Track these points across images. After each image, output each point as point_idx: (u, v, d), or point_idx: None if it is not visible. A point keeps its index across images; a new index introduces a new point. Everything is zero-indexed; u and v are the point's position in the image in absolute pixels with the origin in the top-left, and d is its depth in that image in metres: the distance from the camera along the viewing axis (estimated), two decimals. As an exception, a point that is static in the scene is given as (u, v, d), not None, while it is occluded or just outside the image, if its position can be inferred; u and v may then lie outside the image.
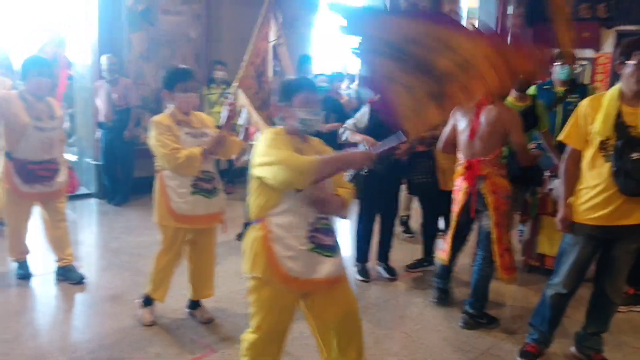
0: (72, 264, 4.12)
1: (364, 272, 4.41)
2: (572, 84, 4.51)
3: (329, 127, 5.25)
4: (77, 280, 4.02)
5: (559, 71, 4.44)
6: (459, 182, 3.64)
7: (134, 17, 6.41)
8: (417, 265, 4.61)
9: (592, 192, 2.91)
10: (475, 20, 12.22)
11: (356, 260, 4.48)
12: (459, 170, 3.65)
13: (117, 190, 6.40)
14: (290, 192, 2.27)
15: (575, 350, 3.30)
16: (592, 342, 3.21)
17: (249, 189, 2.42)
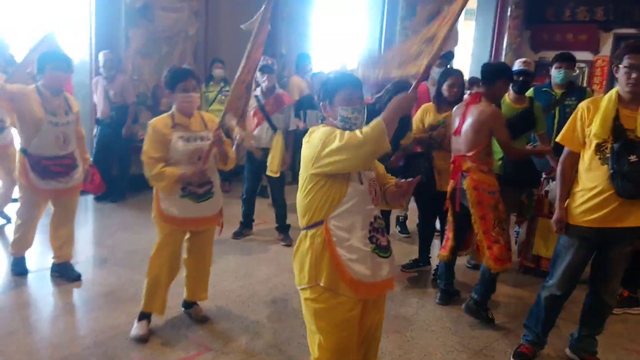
0: (69, 262, 4.11)
1: None
2: (570, 87, 4.52)
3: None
4: (73, 277, 4.02)
5: (555, 74, 4.45)
6: (449, 178, 3.84)
7: (132, 14, 6.38)
8: (412, 265, 4.61)
9: (589, 194, 2.91)
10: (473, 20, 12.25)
11: None
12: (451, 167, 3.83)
13: (113, 187, 6.37)
14: (352, 190, 2.13)
15: (569, 352, 3.32)
16: (586, 344, 3.23)
17: (298, 195, 2.22)
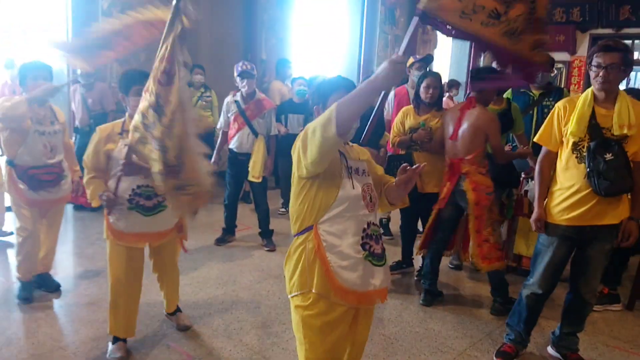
0: (48, 272, 4.04)
1: None
2: (548, 88, 4.57)
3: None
4: (52, 288, 3.95)
5: None
6: (444, 180, 3.91)
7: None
8: (395, 267, 4.62)
9: (567, 192, 2.95)
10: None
11: None
12: (445, 169, 3.93)
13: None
14: (342, 195, 2.06)
15: (551, 349, 3.35)
16: (567, 341, 3.25)
17: (291, 199, 2.16)
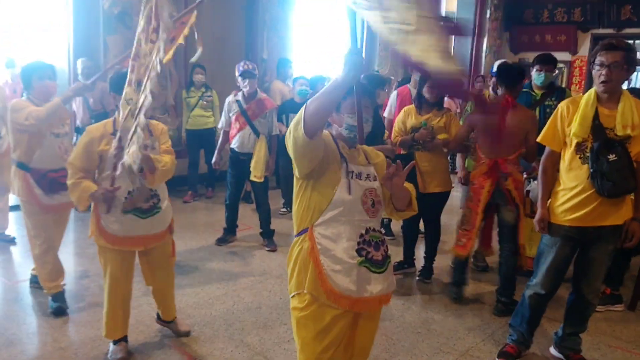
0: None
1: None
2: (550, 88, 4.56)
3: None
4: None
5: (535, 77, 4.48)
6: (480, 180, 3.87)
7: (110, 20, 6.32)
8: (397, 267, 4.60)
9: (570, 193, 2.93)
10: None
11: None
12: (481, 169, 3.88)
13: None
14: (337, 199, 2.05)
15: (553, 350, 3.33)
16: (570, 342, 3.24)
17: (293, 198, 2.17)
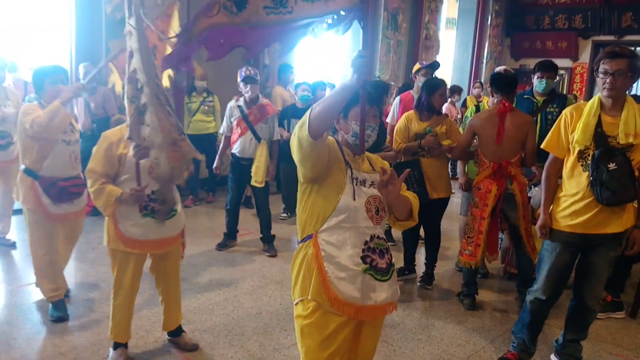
0: None
1: None
2: (551, 94, 4.56)
3: None
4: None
5: (537, 84, 4.48)
6: (486, 184, 3.88)
7: (113, 25, 6.30)
8: (398, 273, 4.60)
9: (571, 200, 2.94)
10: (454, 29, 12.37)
11: None
12: (486, 172, 3.91)
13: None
14: (342, 205, 2.06)
15: (554, 358, 3.32)
16: (571, 349, 3.23)
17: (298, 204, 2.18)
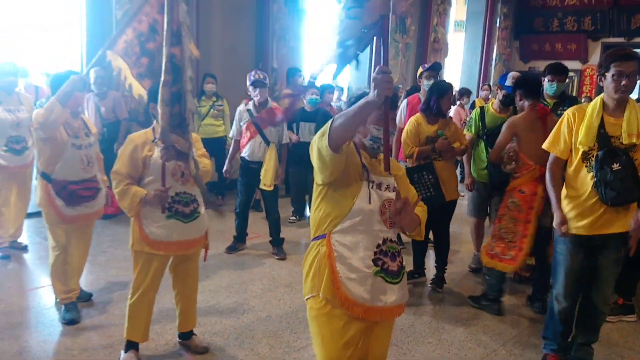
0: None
1: None
2: (562, 97, 4.54)
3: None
4: (84, 298, 3.90)
5: (547, 87, 4.46)
6: (531, 187, 3.80)
7: (123, 30, 6.38)
8: (408, 277, 4.57)
9: (576, 201, 2.94)
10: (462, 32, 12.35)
11: None
12: (529, 176, 3.82)
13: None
14: (357, 208, 2.08)
15: (566, 361, 3.31)
16: (582, 352, 3.22)
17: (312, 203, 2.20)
